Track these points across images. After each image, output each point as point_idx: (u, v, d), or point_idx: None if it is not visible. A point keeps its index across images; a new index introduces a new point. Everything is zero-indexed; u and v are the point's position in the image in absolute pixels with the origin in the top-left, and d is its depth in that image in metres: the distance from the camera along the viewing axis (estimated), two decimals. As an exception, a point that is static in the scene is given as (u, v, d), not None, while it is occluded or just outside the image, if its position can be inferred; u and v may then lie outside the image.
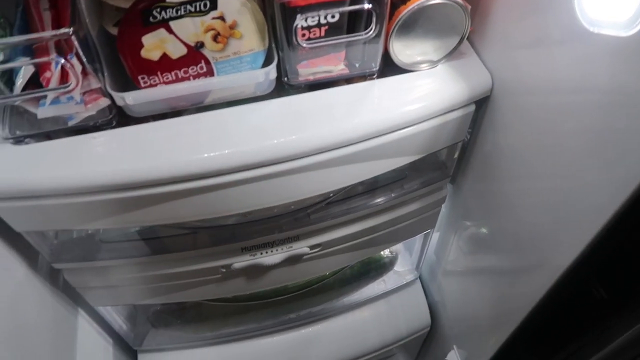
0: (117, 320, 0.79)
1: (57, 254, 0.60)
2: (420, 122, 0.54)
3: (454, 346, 0.88)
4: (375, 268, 0.86)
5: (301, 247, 0.67)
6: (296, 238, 0.67)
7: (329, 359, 0.90)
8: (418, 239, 0.88)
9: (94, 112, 0.51)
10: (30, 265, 0.60)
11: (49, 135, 0.51)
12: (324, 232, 0.67)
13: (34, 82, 0.48)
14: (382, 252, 0.87)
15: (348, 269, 0.85)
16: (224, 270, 0.67)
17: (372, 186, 0.67)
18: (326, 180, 0.55)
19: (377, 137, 0.53)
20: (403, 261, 0.94)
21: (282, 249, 0.67)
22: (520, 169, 0.57)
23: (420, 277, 0.96)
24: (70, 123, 0.51)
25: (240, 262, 0.66)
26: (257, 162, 0.50)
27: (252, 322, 0.85)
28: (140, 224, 0.58)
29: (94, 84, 0.48)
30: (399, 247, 0.88)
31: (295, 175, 0.53)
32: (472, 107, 0.57)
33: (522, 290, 0.65)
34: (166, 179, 0.49)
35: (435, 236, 0.88)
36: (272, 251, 0.67)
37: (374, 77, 0.55)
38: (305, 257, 0.69)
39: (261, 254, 0.66)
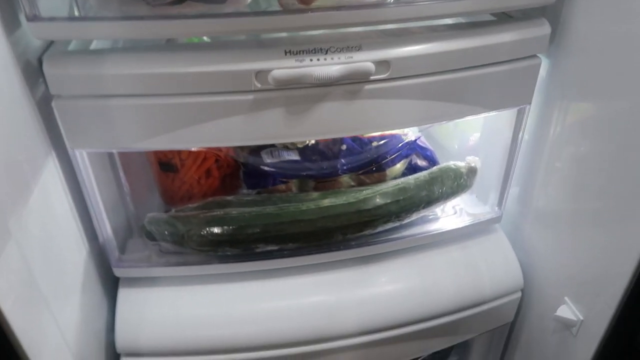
0: (100, 208, 0.57)
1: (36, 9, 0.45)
2: None
3: (566, 298, 0.62)
4: (447, 179, 0.65)
5: (364, 60, 0.50)
6: (358, 47, 0.50)
7: (385, 318, 0.63)
8: (496, 174, 0.68)
9: None
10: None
11: None
12: (393, 43, 0.51)
13: None
14: (457, 164, 0.66)
15: (412, 178, 0.64)
16: (259, 84, 0.49)
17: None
18: None
19: None
20: (479, 203, 0.73)
21: (339, 59, 0.50)
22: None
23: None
24: None
25: (282, 68, 0.48)
26: None
27: (285, 240, 0.61)
28: None
29: None
30: (477, 162, 0.68)
31: None
32: None
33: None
34: None
35: (517, 173, 0.68)
36: (325, 59, 0.50)
37: None
38: (367, 87, 0.51)
39: (311, 60, 0.49)
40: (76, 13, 0.50)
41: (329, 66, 0.49)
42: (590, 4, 0.55)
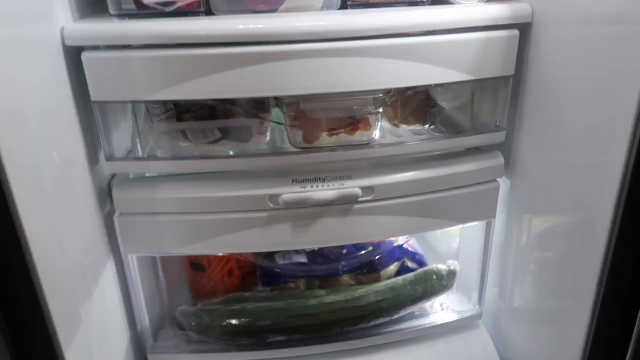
0: (142, 302, 0.70)
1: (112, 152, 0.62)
2: (466, 31, 0.61)
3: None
4: (429, 280, 0.76)
5: (353, 187, 0.65)
6: (349, 177, 0.65)
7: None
8: (475, 275, 0.79)
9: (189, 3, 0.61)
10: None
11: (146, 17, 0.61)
12: (376, 172, 0.66)
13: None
14: (439, 267, 0.78)
15: (400, 279, 0.76)
16: (272, 205, 0.64)
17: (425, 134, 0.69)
18: (376, 74, 0.59)
19: (427, 34, 0.59)
20: (461, 300, 0.83)
21: (333, 186, 0.65)
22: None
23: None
24: (168, 10, 0.61)
25: (289, 193, 0.63)
26: (315, 32, 0.57)
27: (292, 332, 0.73)
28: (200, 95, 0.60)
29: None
30: (456, 266, 0.79)
31: (350, 58, 0.58)
32: (516, 33, 0.63)
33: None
34: (234, 36, 0.56)
35: (492, 269, 0.80)
36: (323, 186, 0.64)
37: (425, 3, 0.64)
38: (357, 207, 0.66)
39: (312, 187, 0.64)
40: (140, 151, 0.67)
41: (326, 191, 0.64)
42: (528, 142, 0.69)
